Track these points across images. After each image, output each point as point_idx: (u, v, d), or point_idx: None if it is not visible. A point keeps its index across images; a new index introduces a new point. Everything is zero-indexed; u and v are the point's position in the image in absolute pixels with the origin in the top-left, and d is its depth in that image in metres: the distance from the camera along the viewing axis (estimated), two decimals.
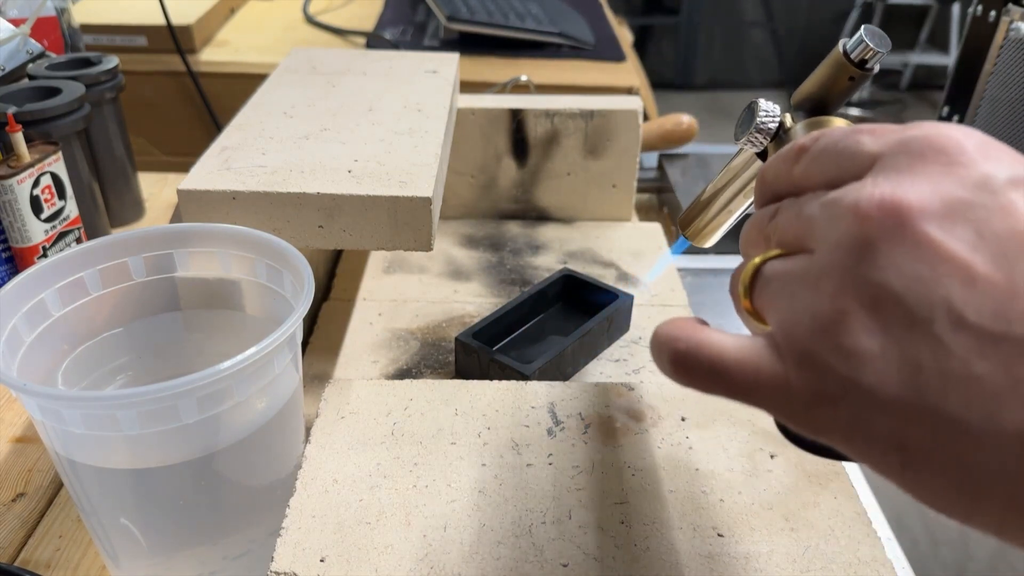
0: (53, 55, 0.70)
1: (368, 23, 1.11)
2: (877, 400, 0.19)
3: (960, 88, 0.74)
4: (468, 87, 0.84)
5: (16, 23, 0.66)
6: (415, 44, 1.02)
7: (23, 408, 0.50)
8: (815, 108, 0.33)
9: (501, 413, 0.42)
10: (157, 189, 0.76)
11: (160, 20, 0.89)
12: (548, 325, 0.55)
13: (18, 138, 0.53)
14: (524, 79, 0.89)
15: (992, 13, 0.70)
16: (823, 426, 0.21)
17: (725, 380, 0.23)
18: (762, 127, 0.33)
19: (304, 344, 0.55)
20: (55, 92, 0.60)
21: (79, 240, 0.60)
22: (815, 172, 0.24)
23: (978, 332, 0.18)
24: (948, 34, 3.30)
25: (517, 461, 0.39)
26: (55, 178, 0.56)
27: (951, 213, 0.20)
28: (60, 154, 0.57)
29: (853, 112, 3.25)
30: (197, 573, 0.38)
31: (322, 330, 0.57)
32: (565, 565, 0.34)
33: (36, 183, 0.54)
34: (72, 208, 0.58)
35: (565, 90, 0.90)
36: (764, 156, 0.35)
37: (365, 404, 0.42)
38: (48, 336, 0.38)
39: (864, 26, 0.31)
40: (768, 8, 3.44)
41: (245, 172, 0.46)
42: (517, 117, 0.66)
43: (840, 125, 0.30)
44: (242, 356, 0.31)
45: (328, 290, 0.62)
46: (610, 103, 0.66)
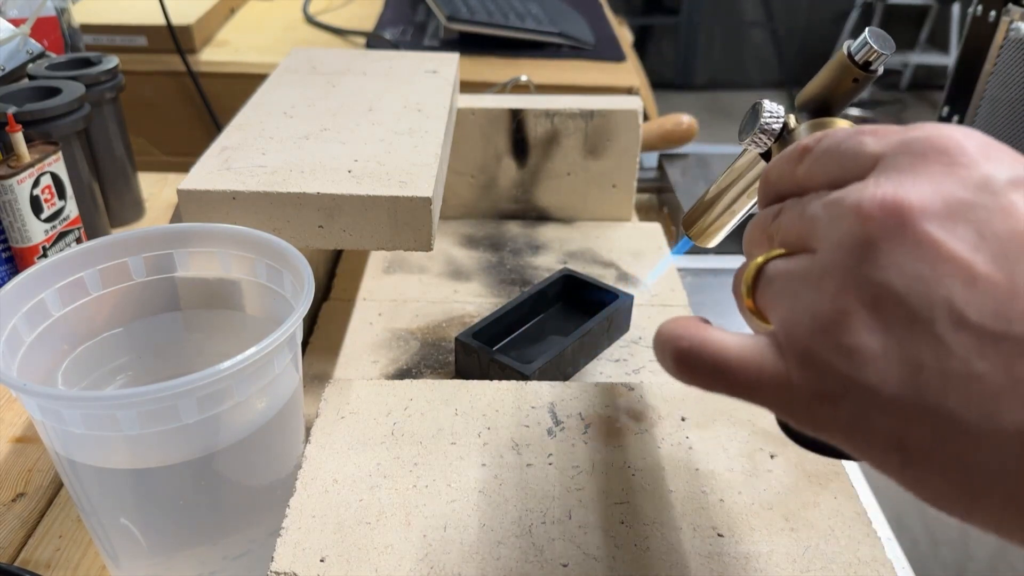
0: (53, 55, 0.70)
1: (368, 23, 1.11)
2: (878, 399, 0.20)
3: (960, 88, 0.74)
4: (468, 87, 0.84)
5: (16, 23, 0.66)
6: (415, 44, 1.02)
7: (23, 408, 0.50)
8: (819, 109, 0.33)
9: (501, 413, 0.42)
10: (157, 189, 0.76)
11: (160, 20, 0.89)
12: (548, 325, 0.55)
13: (18, 138, 0.53)
14: (524, 79, 0.89)
15: (992, 13, 0.70)
16: (824, 424, 0.21)
17: (728, 378, 0.23)
18: (766, 128, 0.33)
19: (304, 344, 0.55)
20: (55, 92, 0.60)
21: (79, 240, 0.60)
22: (818, 172, 0.24)
23: (979, 332, 0.18)
24: (948, 34, 3.30)
25: (517, 461, 0.39)
26: (55, 178, 0.56)
27: (952, 213, 0.20)
28: (60, 154, 0.57)
29: (853, 112, 3.25)
30: (197, 573, 0.38)
31: (322, 330, 0.57)
32: (565, 565, 0.34)
33: (36, 183, 0.54)
34: (72, 208, 0.58)
35: (565, 90, 0.90)
36: (768, 157, 0.35)
37: (365, 404, 0.42)
38: (48, 336, 0.38)
39: (868, 28, 0.31)
40: (768, 8, 3.44)
41: (245, 172, 0.46)
42: (517, 117, 0.66)
43: (843, 126, 0.30)
44: (242, 356, 0.31)
45: (328, 290, 0.62)
46: (610, 103, 0.66)
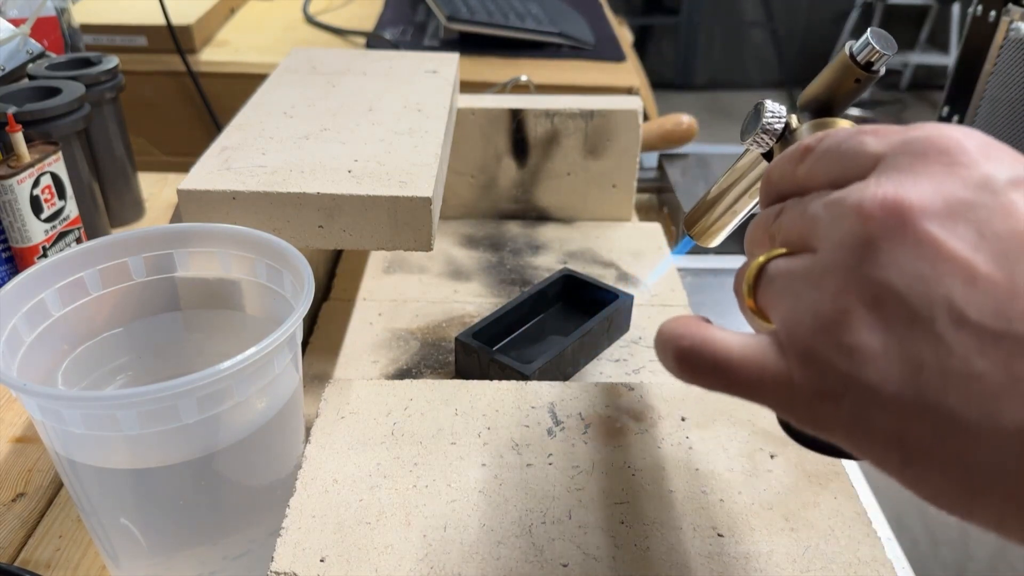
0: (53, 55, 0.70)
1: (368, 23, 1.11)
2: (878, 397, 0.20)
3: (960, 88, 0.74)
4: (468, 87, 0.84)
5: (16, 23, 0.66)
6: (415, 44, 1.02)
7: (23, 408, 0.50)
8: (821, 109, 0.33)
9: (501, 413, 0.42)
10: (157, 189, 0.76)
11: (160, 20, 0.89)
12: (548, 325, 0.55)
13: (18, 138, 0.53)
14: (524, 79, 0.89)
15: (992, 13, 0.70)
16: (825, 423, 0.21)
17: (729, 377, 0.23)
18: (768, 128, 0.33)
19: (304, 344, 0.55)
20: (55, 92, 0.60)
21: (79, 240, 0.60)
22: (819, 172, 0.24)
23: (979, 330, 0.19)
24: (948, 34, 3.30)
25: (517, 461, 0.39)
26: (55, 178, 0.56)
27: (953, 213, 0.20)
28: (60, 154, 0.57)
29: (853, 112, 3.24)
30: (197, 573, 0.38)
31: (322, 330, 0.57)
32: (565, 565, 0.34)
33: (36, 183, 0.54)
34: (72, 208, 0.58)
35: (565, 90, 0.90)
36: (770, 157, 0.35)
37: (365, 404, 0.42)
38: (48, 336, 0.38)
39: (870, 28, 0.31)
40: (768, 8, 3.44)
41: (245, 172, 0.46)
42: (517, 117, 0.66)
43: (845, 126, 0.30)
44: (242, 356, 0.31)
45: (328, 290, 0.62)
46: (610, 103, 0.66)
